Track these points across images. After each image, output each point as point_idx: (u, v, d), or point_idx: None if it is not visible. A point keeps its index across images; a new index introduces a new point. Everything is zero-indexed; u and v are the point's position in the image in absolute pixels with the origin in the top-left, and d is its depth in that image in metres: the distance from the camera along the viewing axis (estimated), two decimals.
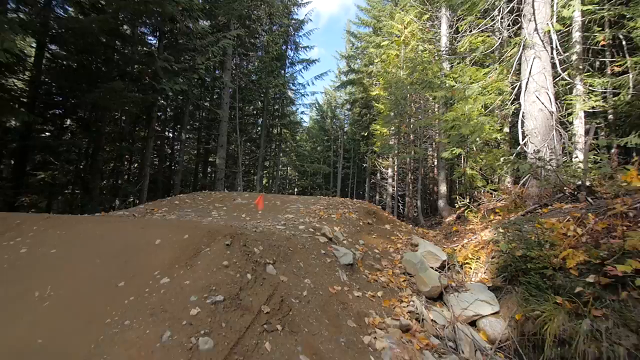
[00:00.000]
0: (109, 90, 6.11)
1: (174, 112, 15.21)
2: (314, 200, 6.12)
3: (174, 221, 3.09)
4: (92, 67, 9.09)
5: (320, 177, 23.41)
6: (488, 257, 4.10)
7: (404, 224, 6.10)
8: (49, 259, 2.33)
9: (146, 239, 2.46)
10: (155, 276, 2.08)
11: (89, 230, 2.68)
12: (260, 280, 2.34)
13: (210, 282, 2.05)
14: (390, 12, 17.14)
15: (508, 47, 5.95)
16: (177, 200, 5.74)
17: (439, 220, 12.44)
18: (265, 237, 3.00)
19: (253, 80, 15.43)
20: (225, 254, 2.36)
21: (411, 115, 14.45)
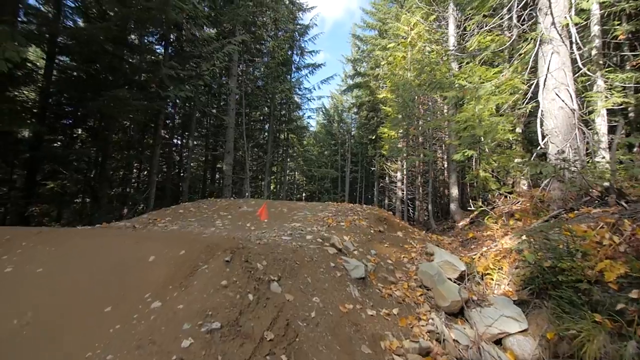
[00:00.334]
0: (112, 98, 6.01)
1: (182, 119, 15.20)
2: (322, 207, 5.87)
3: (173, 234, 2.87)
4: (99, 77, 9.09)
5: (328, 182, 23.16)
6: (511, 267, 3.77)
7: (416, 231, 5.79)
8: (34, 279, 2.13)
9: (140, 255, 2.24)
10: (145, 299, 1.85)
11: (81, 246, 2.48)
12: (264, 301, 2.09)
13: (207, 306, 1.82)
14: (396, 14, 16.93)
15: (523, 44, 5.62)
16: (181, 209, 5.56)
17: (451, 224, 12.03)
18: (269, 249, 2.77)
19: (259, 86, 15.34)
20: (225, 271, 2.13)
21: (419, 117, 14.13)
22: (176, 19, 7.41)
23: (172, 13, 6.55)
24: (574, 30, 5.09)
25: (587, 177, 4.22)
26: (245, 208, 5.67)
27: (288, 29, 16.51)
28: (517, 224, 5.24)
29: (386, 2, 18.57)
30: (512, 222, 5.35)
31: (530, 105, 5.88)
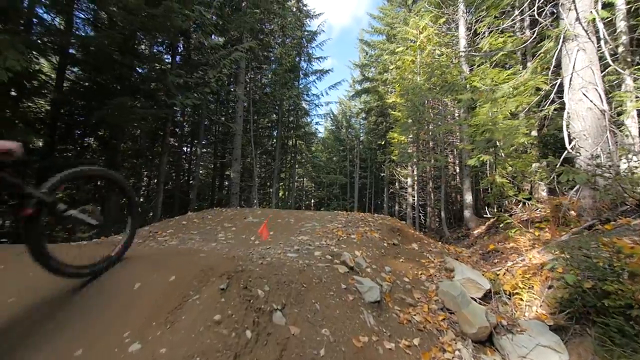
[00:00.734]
0: (117, 106, 5.86)
1: (190, 127, 15.16)
2: (331, 217, 5.54)
3: (166, 254, 2.59)
4: (108, 86, 9.05)
5: (337, 188, 22.81)
6: (543, 287, 3.36)
7: (432, 242, 5.40)
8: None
9: (124, 281, 1.96)
10: (123, 340, 1.55)
11: None
12: (264, 338, 1.77)
13: (194, 350, 1.50)
14: (404, 19, 16.65)
15: (545, 42, 5.24)
16: (185, 220, 5.31)
17: (465, 232, 11.51)
18: (273, 271, 2.45)
19: (267, 93, 15.22)
20: (219, 302, 1.82)
21: (430, 121, 13.72)
22: (182, 26, 7.28)
23: (178, 20, 6.41)
24: (602, 26, 4.69)
25: (624, 184, 3.79)
26: (251, 219, 5.39)
27: (295, 36, 16.40)
28: (544, 235, 4.80)
29: (394, 7, 18.34)
30: (537, 233, 4.91)
31: (553, 107, 5.46)
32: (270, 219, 5.42)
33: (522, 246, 4.77)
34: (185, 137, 15.68)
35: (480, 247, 6.78)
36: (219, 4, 9.97)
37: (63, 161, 9.72)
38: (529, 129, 5.95)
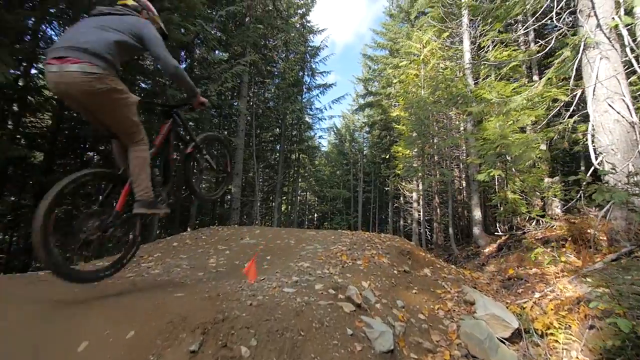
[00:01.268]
0: None
1: None
2: (334, 238, 5.08)
3: (133, 294, 2.14)
4: None
5: (340, 202, 22.33)
6: (583, 327, 2.85)
7: (445, 266, 4.89)
8: None
9: (69, 339, 1.51)
10: None
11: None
12: None
13: None
14: (407, 33, 16.57)
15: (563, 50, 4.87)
16: (176, 241, 4.88)
17: (475, 250, 10.91)
18: (264, 315, 2.00)
19: (270, 107, 15.02)
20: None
21: (435, 135, 13.36)
22: (182, 39, 7.07)
23: (176, 32, 6.18)
24: (626, 32, 4.32)
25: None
26: (248, 239, 4.94)
27: (299, 51, 16.36)
28: (571, 260, 4.29)
29: (396, 23, 18.33)
30: (563, 259, 4.40)
31: (572, 120, 5.04)
32: (269, 240, 4.97)
33: (547, 272, 4.25)
34: None
35: (498, 270, 6.25)
36: (222, 19, 9.86)
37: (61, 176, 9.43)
38: (545, 143, 5.47)
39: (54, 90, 1.75)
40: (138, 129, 2.03)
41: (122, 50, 1.85)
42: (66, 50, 1.67)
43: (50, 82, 1.70)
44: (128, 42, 1.88)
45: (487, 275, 5.04)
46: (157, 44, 1.97)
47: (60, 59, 1.64)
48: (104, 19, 1.88)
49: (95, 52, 1.69)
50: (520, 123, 5.51)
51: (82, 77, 1.64)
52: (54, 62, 1.65)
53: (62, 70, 1.64)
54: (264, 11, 12.99)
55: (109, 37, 1.78)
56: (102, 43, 1.74)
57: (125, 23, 1.91)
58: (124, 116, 1.90)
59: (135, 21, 1.97)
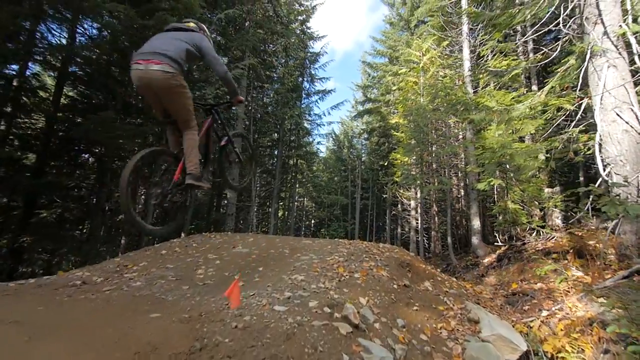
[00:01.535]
0: (100, 121, 5.33)
1: None
2: (330, 247, 4.85)
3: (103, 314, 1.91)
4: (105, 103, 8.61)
5: (337, 209, 22.08)
6: (597, 350, 2.64)
7: (446, 278, 4.66)
8: None
9: None
10: None
11: None
12: None
13: None
14: (407, 42, 16.56)
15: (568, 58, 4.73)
16: (164, 249, 4.63)
17: (474, 260, 10.68)
18: (250, 339, 1.77)
19: (268, 112, 14.86)
20: None
21: (433, 142, 13.24)
22: None
23: None
24: (634, 40, 4.19)
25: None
26: (240, 248, 4.70)
27: (298, 57, 16.28)
28: (579, 276, 4.08)
29: (396, 31, 18.35)
30: (569, 273, 4.18)
31: (577, 129, 4.88)
32: (262, 249, 4.74)
33: (553, 288, 4.04)
34: None
35: (498, 282, 6.04)
36: (222, 22, 9.73)
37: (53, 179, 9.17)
38: (545, 153, 5.28)
39: (138, 83, 2.28)
40: (192, 117, 2.52)
41: (188, 57, 2.41)
42: (152, 54, 2.22)
43: (135, 77, 2.24)
44: (192, 51, 2.43)
45: (489, 290, 4.82)
46: (210, 53, 2.55)
47: (146, 60, 2.19)
48: (176, 34, 2.48)
49: (172, 57, 2.25)
50: (523, 132, 5.35)
51: (162, 74, 2.19)
52: (142, 62, 2.19)
53: (147, 68, 2.18)
54: (264, 16, 12.92)
55: (181, 46, 2.35)
56: (176, 51, 2.30)
57: (190, 37, 2.47)
58: (184, 106, 2.43)
59: (196, 36, 2.54)
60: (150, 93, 2.35)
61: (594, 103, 4.32)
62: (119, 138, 5.73)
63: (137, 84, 2.30)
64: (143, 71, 2.19)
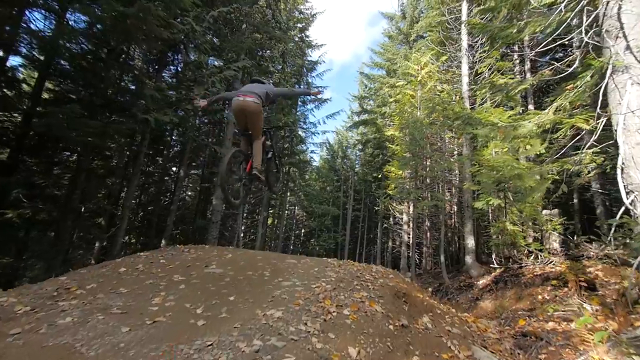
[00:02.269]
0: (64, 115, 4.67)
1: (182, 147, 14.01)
2: (317, 270, 4.24)
3: None
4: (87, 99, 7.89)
5: (328, 219, 21.44)
6: None
7: (445, 311, 4.08)
8: None
9: None
10: None
11: None
12: None
13: None
14: (405, 55, 16.34)
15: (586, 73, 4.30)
16: (125, 265, 3.95)
17: (467, 280, 10.13)
18: None
19: None
20: None
21: (429, 157, 12.84)
22: (162, 34, 6.34)
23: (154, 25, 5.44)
24: None
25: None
26: (214, 268, 4.05)
27: (296, 64, 15.87)
28: (601, 320, 3.54)
29: (395, 44, 18.16)
30: (587, 316, 3.64)
31: (591, 151, 4.43)
32: (240, 269, 4.10)
33: (569, 330, 3.49)
34: (174, 158, 14.49)
35: (500, 313, 5.49)
36: (215, 20, 9.22)
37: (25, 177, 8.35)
38: (561, 176, 4.80)
39: (236, 108, 3.45)
40: (260, 132, 3.67)
41: (264, 96, 3.56)
42: (248, 93, 3.46)
43: (236, 104, 3.42)
44: (266, 93, 3.61)
45: (493, 325, 4.24)
46: (275, 90, 3.81)
47: (244, 95, 3.43)
48: (258, 84, 3.71)
49: (258, 95, 3.46)
50: (531, 152, 4.89)
51: (253, 105, 3.41)
52: (241, 96, 3.44)
53: (245, 99, 3.41)
54: (263, 20, 12.48)
55: (261, 90, 3.56)
56: (259, 92, 3.50)
57: (265, 86, 3.73)
58: (259, 124, 3.59)
59: (268, 86, 3.80)
60: (242, 115, 3.51)
61: (615, 123, 3.87)
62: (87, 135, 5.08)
63: (236, 109, 3.45)
64: (242, 101, 3.39)
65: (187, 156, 11.77)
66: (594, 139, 4.27)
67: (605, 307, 3.70)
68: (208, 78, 7.99)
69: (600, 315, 3.59)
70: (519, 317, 4.43)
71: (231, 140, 11.00)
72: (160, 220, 13.21)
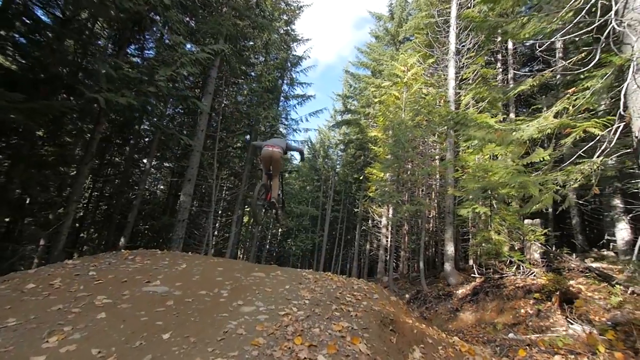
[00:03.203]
0: None
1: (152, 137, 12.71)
2: (288, 289, 3.44)
3: None
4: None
5: (307, 219, 20.65)
6: None
7: (437, 339, 3.41)
8: None
9: None
10: None
11: None
12: None
13: None
14: (392, 56, 15.85)
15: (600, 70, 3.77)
16: (36, 279, 2.97)
17: (446, 289, 9.66)
18: None
19: (241, 111, 13.26)
20: None
21: (411, 159, 12.36)
22: (123, 5, 5.31)
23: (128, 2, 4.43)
24: None
25: None
26: (157, 285, 3.15)
27: (279, 57, 14.94)
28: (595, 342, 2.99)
29: (381, 45, 17.64)
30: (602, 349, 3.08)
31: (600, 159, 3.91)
32: (191, 286, 3.22)
33: None
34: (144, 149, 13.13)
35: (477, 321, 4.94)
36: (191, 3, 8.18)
37: None
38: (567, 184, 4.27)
39: (265, 155, 4.58)
40: (279, 171, 4.92)
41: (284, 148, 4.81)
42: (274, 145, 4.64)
43: (266, 152, 4.56)
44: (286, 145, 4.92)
45: (489, 355, 3.61)
46: (290, 145, 5.08)
47: (272, 146, 4.60)
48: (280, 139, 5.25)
49: (281, 147, 4.68)
50: (535, 158, 4.34)
51: (278, 154, 4.57)
52: (270, 147, 4.59)
53: (273, 150, 4.54)
54: (246, 5, 11.49)
55: (282, 143, 4.84)
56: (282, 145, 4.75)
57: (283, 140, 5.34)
58: (279, 168, 4.80)
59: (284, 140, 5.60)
60: (269, 160, 4.61)
61: (636, 128, 3.34)
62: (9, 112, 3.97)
63: (265, 155, 4.59)
64: (271, 151, 4.55)
65: (155, 147, 10.58)
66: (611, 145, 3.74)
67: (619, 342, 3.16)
68: (178, 59, 6.96)
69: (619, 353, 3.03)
70: (516, 344, 3.84)
71: (204, 132, 9.95)
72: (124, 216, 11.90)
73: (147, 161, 10.10)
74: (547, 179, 3.99)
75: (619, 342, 3.07)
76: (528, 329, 5.98)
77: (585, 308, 6.01)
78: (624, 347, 3.01)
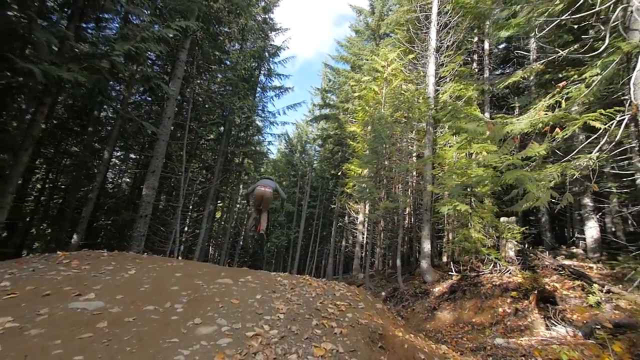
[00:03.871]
0: None
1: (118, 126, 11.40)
2: (259, 299, 2.86)
3: None
4: None
5: (282, 215, 19.98)
6: None
7: (429, 353, 2.99)
8: None
9: None
10: None
11: None
12: None
13: None
14: (372, 51, 15.49)
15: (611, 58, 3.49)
16: None
17: (422, 287, 9.45)
18: None
19: (213, 100, 12.28)
20: None
21: (390, 156, 12.09)
22: None
23: None
24: None
25: None
26: (89, 299, 2.44)
27: (256, 45, 14.06)
28: None
29: (361, 39, 17.24)
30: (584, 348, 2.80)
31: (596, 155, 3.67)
32: (136, 299, 2.55)
33: None
34: (106, 138, 11.79)
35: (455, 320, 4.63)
36: None
37: None
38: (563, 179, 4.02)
39: (259, 194, 5.46)
40: (269, 208, 5.70)
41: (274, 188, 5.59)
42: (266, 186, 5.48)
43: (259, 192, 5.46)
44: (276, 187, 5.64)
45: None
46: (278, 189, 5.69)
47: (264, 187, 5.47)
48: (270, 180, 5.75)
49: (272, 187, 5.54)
50: (530, 153, 4.05)
51: (270, 194, 5.47)
52: (263, 188, 5.46)
53: (265, 190, 5.43)
54: None
55: (273, 184, 5.62)
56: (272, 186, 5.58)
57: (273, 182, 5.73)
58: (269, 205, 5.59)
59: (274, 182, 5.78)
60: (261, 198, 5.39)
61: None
62: None
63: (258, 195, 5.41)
64: (264, 191, 5.36)
65: (116, 135, 9.44)
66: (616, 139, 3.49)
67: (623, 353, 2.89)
68: (138, 33, 6.03)
69: None
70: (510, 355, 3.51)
71: (172, 120, 8.98)
72: (78, 211, 10.64)
73: (107, 150, 8.94)
74: (544, 175, 3.69)
75: (625, 355, 2.80)
76: (507, 329, 5.81)
77: (561, 306, 5.94)
78: (631, 358, 2.75)
